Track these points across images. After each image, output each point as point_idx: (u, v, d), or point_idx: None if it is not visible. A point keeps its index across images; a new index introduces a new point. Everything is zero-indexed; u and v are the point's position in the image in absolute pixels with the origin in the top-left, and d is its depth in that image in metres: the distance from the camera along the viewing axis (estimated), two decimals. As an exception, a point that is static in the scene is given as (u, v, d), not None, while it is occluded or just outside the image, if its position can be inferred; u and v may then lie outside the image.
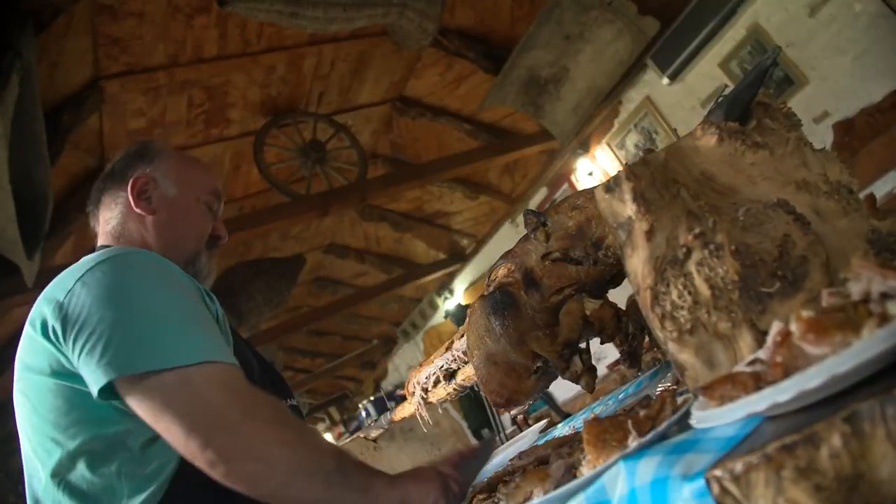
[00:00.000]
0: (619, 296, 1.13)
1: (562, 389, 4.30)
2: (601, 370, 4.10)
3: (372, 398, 4.51)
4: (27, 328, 0.95)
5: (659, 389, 1.11)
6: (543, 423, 1.83)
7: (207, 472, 0.83)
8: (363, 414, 4.37)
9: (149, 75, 3.89)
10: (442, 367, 1.30)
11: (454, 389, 1.32)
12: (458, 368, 1.28)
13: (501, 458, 1.31)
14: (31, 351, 0.94)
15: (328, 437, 8.19)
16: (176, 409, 0.83)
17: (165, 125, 4.37)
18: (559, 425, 1.58)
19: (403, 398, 1.63)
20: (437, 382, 1.33)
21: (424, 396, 1.39)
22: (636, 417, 0.68)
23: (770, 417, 0.53)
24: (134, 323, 0.88)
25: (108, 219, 1.16)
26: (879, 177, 3.31)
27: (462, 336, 1.22)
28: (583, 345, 1.12)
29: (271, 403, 0.90)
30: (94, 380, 0.85)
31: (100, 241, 1.17)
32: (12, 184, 2.69)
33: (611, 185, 0.74)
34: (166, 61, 3.88)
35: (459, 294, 7.55)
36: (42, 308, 0.93)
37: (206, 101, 4.39)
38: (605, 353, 3.98)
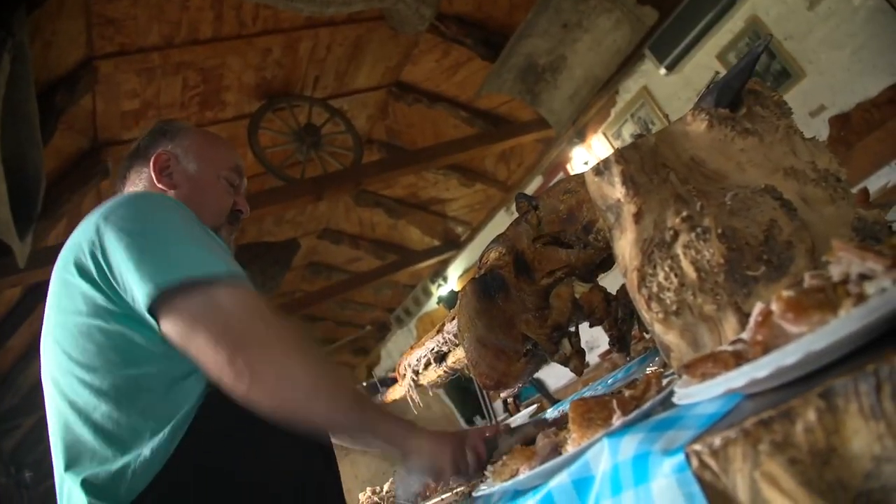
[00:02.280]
0: (611, 284, 1.14)
1: (553, 377, 4.33)
2: (593, 359, 4.13)
3: (364, 384, 4.52)
4: (58, 276, 0.99)
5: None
6: (533, 408, 1.85)
7: (232, 389, 0.86)
8: (355, 399, 4.38)
9: (143, 56, 3.85)
10: (433, 349, 1.31)
11: (444, 372, 1.33)
12: (449, 351, 1.29)
13: None
14: (65, 294, 0.97)
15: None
16: (206, 324, 0.88)
17: (159, 107, 4.33)
18: (548, 410, 1.60)
19: (395, 381, 1.65)
20: (427, 365, 1.34)
21: (415, 379, 1.40)
22: (621, 398, 0.69)
23: (750, 395, 0.54)
24: (166, 241, 0.93)
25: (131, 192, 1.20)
26: (874, 171, 3.32)
27: (453, 319, 1.23)
28: (572, 328, 1.13)
29: (295, 330, 0.94)
30: (142, 298, 0.89)
31: None
32: (4, 164, 2.67)
33: (600, 168, 0.75)
34: (161, 42, 3.85)
35: (453, 281, 7.56)
36: (73, 252, 0.97)
37: (200, 83, 4.36)
38: (597, 342, 4.00)
